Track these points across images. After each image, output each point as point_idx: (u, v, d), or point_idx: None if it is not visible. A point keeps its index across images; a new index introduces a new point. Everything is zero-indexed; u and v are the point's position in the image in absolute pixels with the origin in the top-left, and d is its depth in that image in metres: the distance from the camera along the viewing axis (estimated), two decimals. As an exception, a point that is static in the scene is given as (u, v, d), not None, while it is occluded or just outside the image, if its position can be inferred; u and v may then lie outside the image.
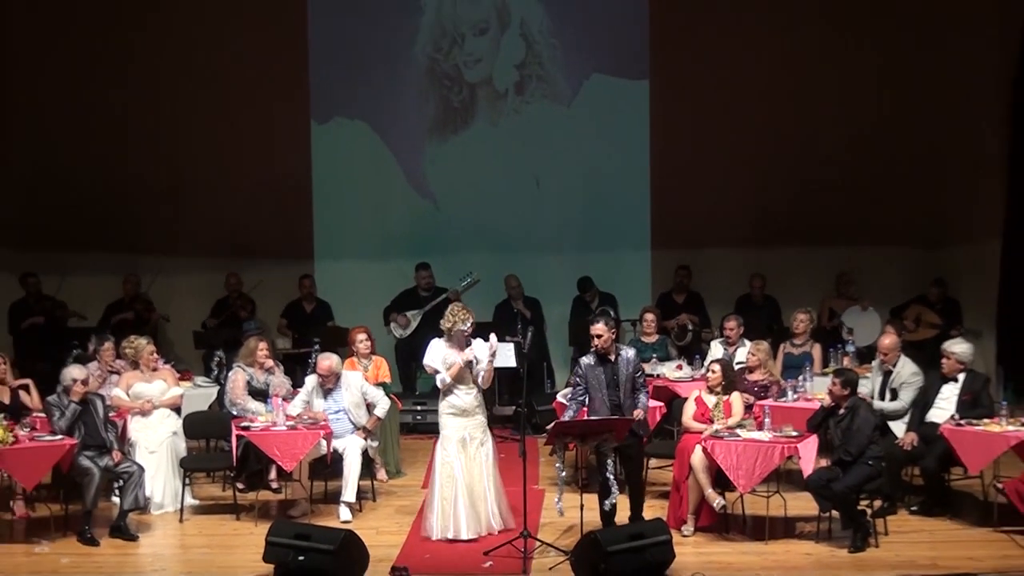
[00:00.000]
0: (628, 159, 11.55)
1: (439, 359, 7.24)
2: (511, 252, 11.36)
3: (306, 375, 8.46)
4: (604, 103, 11.52)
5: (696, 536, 7.26)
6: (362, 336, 8.78)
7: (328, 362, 7.98)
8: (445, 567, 6.79)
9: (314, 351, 9.05)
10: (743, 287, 10.85)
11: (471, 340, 7.26)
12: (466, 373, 7.23)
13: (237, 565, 6.88)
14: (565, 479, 7.13)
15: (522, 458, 6.95)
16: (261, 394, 8.29)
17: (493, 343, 7.21)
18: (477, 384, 7.28)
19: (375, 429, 8.15)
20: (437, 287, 10.84)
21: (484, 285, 10.84)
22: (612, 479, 6.92)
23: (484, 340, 7.30)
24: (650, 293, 11.28)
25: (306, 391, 8.04)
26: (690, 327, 10.51)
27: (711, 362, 7.98)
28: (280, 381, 8.43)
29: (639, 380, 7.13)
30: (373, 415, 8.07)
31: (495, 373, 7.51)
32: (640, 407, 7.03)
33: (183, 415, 8.31)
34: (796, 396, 8.15)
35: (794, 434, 7.29)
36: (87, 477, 7.28)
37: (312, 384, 8.05)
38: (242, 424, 7.82)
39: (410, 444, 9.53)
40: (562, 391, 8.86)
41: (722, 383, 7.64)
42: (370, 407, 8.07)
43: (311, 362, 8.78)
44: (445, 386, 7.24)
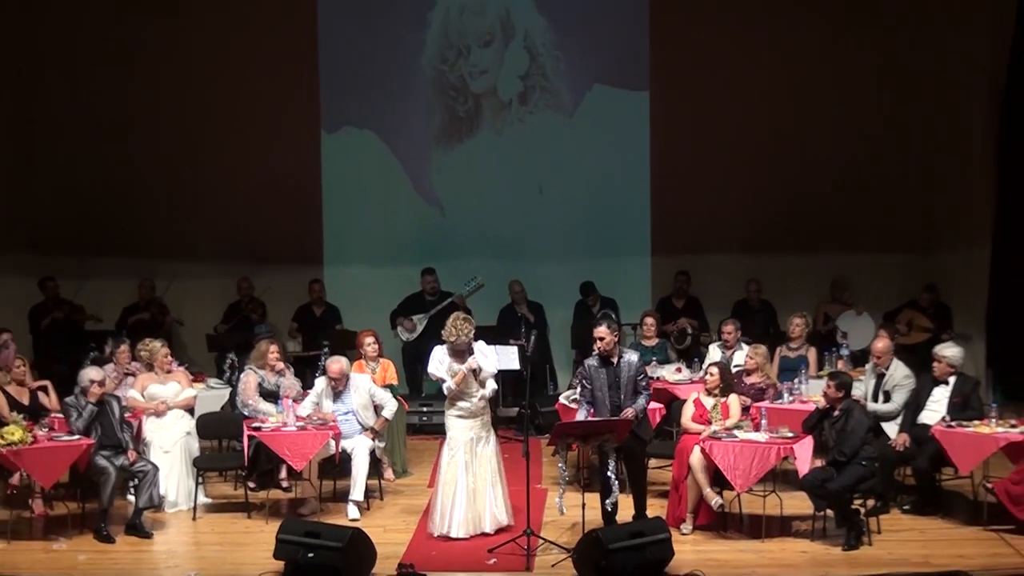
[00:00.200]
0: (629, 167, 11.59)
1: (444, 368, 7.31)
2: (515, 258, 11.41)
3: (316, 377, 8.51)
4: (605, 113, 11.57)
5: (695, 534, 7.32)
6: (370, 339, 8.85)
7: (338, 365, 8.05)
8: (451, 564, 6.85)
9: (323, 354, 9.13)
10: (740, 292, 10.85)
11: (472, 348, 7.33)
12: (471, 379, 7.33)
13: (248, 562, 6.93)
14: (567, 479, 7.18)
15: (525, 458, 6.99)
16: (272, 396, 8.36)
17: (471, 362, 7.26)
18: (482, 387, 7.35)
19: (382, 430, 8.21)
20: (443, 291, 10.88)
21: (488, 290, 10.89)
22: (613, 478, 7.00)
23: (487, 343, 7.43)
24: (650, 298, 11.31)
25: (315, 393, 8.10)
26: (689, 331, 10.54)
27: (709, 365, 8.02)
28: (290, 383, 8.49)
29: (641, 383, 7.18)
30: (381, 416, 8.13)
31: (499, 375, 7.60)
32: (635, 408, 7.08)
33: (196, 416, 8.37)
34: (792, 398, 8.20)
35: (790, 435, 7.35)
36: (103, 476, 7.36)
37: (321, 386, 8.11)
38: (253, 425, 7.89)
39: (416, 444, 9.58)
40: (565, 393, 8.92)
41: (720, 385, 7.69)
42: (378, 409, 8.13)
43: (320, 365, 8.87)
44: (452, 393, 7.34)
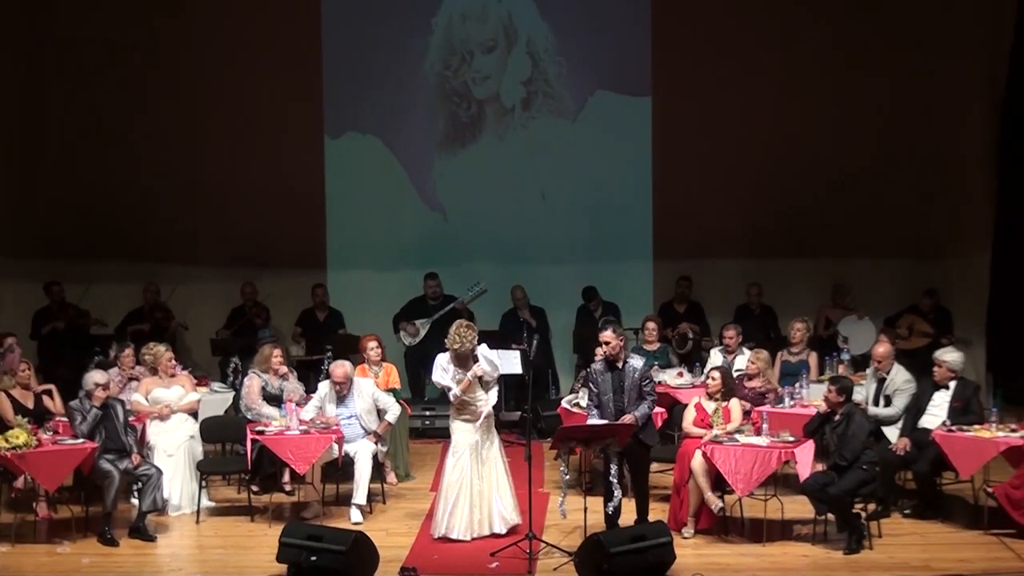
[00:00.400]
0: (631, 172, 11.62)
1: (449, 376, 7.35)
2: (517, 262, 11.44)
3: (319, 381, 8.54)
4: (608, 119, 11.61)
5: (696, 538, 7.34)
6: (373, 344, 8.86)
7: (343, 369, 8.09)
8: (453, 567, 6.88)
9: (326, 358, 9.15)
10: (742, 297, 10.89)
11: (476, 355, 7.36)
12: (476, 385, 7.36)
13: (251, 565, 6.97)
14: (569, 482, 7.21)
15: (527, 462, 7.02)
16: (275, 399, 8.39)
17: (476, 369, 7.31)
18: (487, 392, 7.40)
19: (385, 434, 8.24)
20: (445, 296, 10.92)
21: (491, 294, 10.93)
22: (615, 482, 7.03)
23: (490, 346, 7.46)
24: (652, 302, 11.34)
25: (319, 397, 8.13)
26: (690, 336, 10.54)
27: (711, 369, 8.05)
28: (294, 387, 8.53)
29: (646, 388, 7.20)
30: (384, 420, 8.16)
31: (501, 379, 7.64)
32: (637, 413, 7.10)
33: (200, 419, 8.38)
34: (793, 403, 8.22)
35: (791, 439, 7.38)
36: (107, 479, 7.38)
37: (325, 390, 8.14)
38: (257, 428, 7.92)
39: (419, 448, 9.61)
40: (567, 397, 8.99)
41: (721, 390, 7.72)
42: (381, 413, 8.16)
43: (324, 369, 8.90)
44: (457, 400, 7.37)
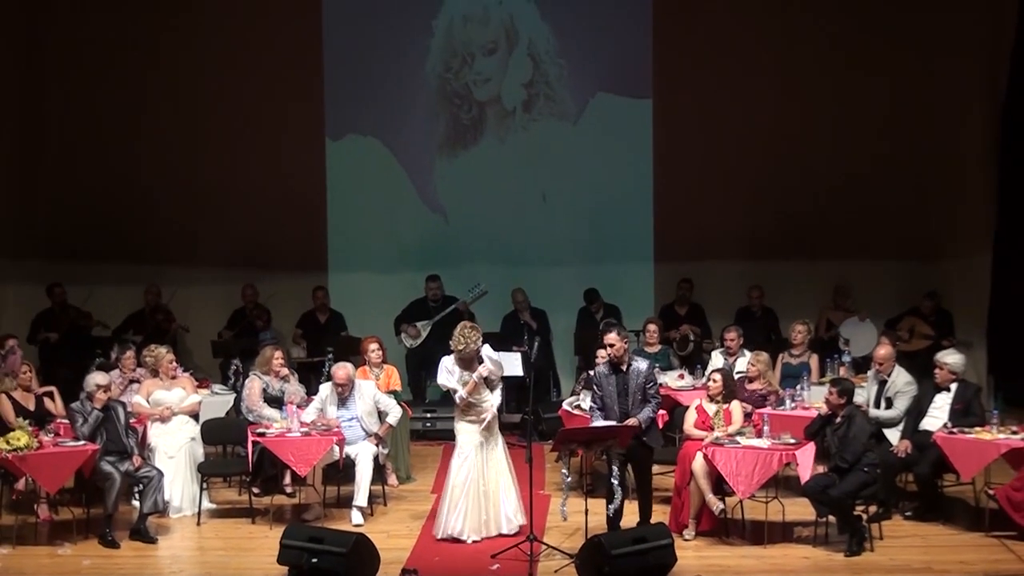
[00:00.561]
0: (632, 175, 11.63)
1: (454, 379, 7.38)
2: (518, 264, 11.45)
3: (320, 383, 8.55)
4: (609, 121, 11.62)
5: (697, 540, 7.35)
6: (374, 346, 8.88)
7: (345, 371, 8.10)
8: (454, 569, 6.89)
9: (327, 360, 9.15)
10: (743, 299, 10.90)
11: (481, 356, 7.39)
12: (482, 386, 7.39)
13: (252, 567, 6.98)
14: (570, 484, 7.23)
15: (528, 464, 7.03)
16: (276, 401, 8.41)
17: (481, 370, 7.35)
18: (492, 392, 7.44)
19: (386, 436, 8.25)
20: (446, 297, 10.94)
21: (492, 296, 10.94)
22: (616, 484, 7.04)
23: (493, 348, 7.49)
24: (653, 305, 11.36)
25: (320, 399, 8.14)
26: (692, 338, 10.57)
27: (712, 371, 8.05)
28: (295, 389, 8.54)
29: (650, 391, 7.23)
30: (385, 422, 8.17)
31: (502, 381, 7.64)
32: (641, 417, 7.12)
33: (201, 421, 8.38)
34: (794, 405, 8.22)
35: (792, 441, 7.39)
36: (108, 481, 7.39)
37: (326, 392, 8.15)
38: (258, 430, 7.92)
39: (420, 450, 9.62)
40: (567, 399, 9.02)
41: (722, 392, 7.72)
42: (382, 415, 8.17)
43: (325, 371, 8.91)
44: (464, 402, 7.39)
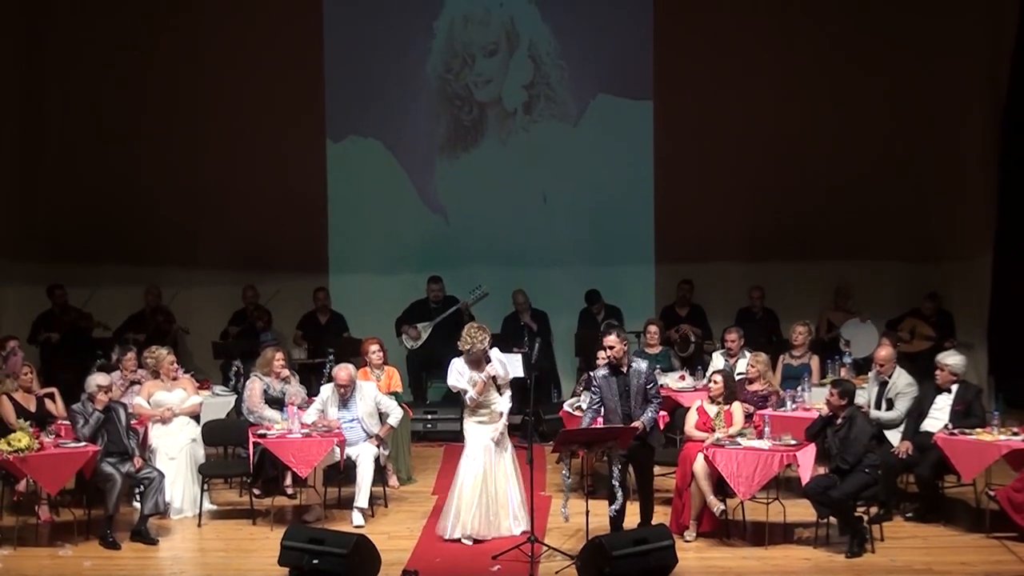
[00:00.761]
0: (632, 176, 11.64)
1: (464, 379, 7.43)
2: (519, 266, 11.45)
3: (321, 384, 8.56)
4: (610, 122, 11.63)
5: (698, 541, 7.36)
6: (375, 347, 8.88)
7: (346, 372, 8.10)
8: (455, 570, 6.90)
9: (328, 361, 9.15)
10: (744, 300, 10.92)
11: (489, 356, 7.44)
12: (491, 386, 7.43)
13: (253, 568, 6.99)
14: (571, 485, 7.24)
15: (529, 465, 7.05)
16: (277, 403, 8.41)
17: (489, 370, 7.40)
18: (500, 394, 7.48)
19: (387, 437, 8.26)
20: (447, 298, 10.96)
21: (493, 298, 10.94)
22: (618, 486, 7.05)
23: (501, 351, 7.54)
24: (654, 306, 11.37)
25: (321, 400, 8.14)
26: (692, 339, 10.59)
27: (713, 373, 8.06)
28: (295, 390, 8.55)
29: (651, 392, 7.24)
30: (386, 424, 8.18)
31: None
32: (643, 420, 7.13)
33: (202, 423, 8.40)
34: (795, 406, 8.22)
35: (793, 443, 7.39)
36: (109, 483, 7.40)
37: (327, 393, 8.15)
38: (259, 431, 7.93)
39: (421, 451, 9.63)
40: (568, 400, 9.03)
41: (723, 393, 7.72)
42: (383, 416, 8.18)
43: (325, 372, 8.91)
44: (474, 403, 7.43)
